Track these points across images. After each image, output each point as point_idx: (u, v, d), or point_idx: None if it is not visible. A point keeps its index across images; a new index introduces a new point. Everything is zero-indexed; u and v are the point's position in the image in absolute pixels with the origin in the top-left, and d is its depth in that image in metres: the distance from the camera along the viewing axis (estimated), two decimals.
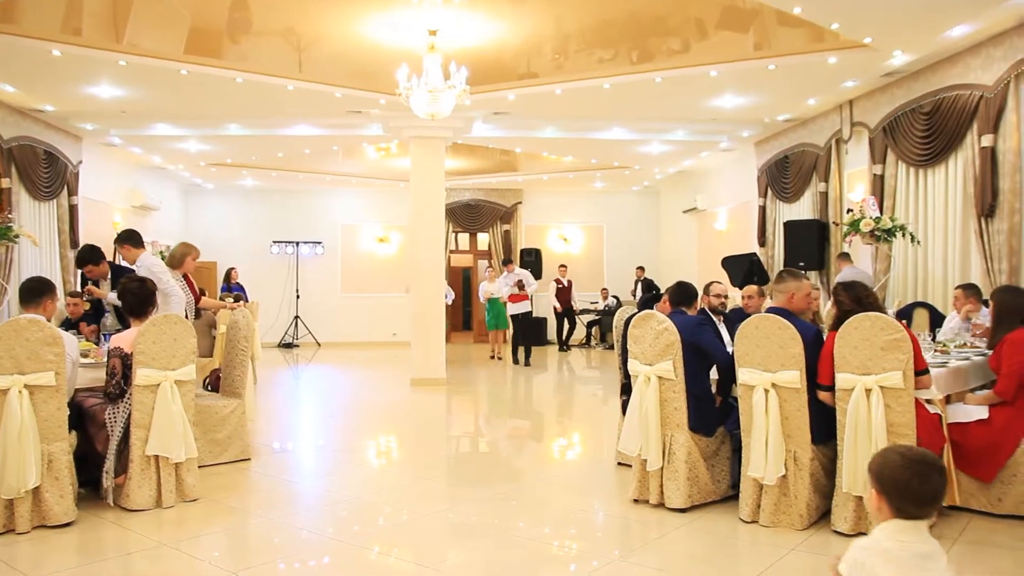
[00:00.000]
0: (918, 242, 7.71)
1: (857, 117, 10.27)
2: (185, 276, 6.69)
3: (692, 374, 4.79)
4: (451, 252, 18.29)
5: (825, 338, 4.53)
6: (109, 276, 6.44)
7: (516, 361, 13.66)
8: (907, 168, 9.26)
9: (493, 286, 14.34)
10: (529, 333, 14.04)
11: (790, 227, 11.33)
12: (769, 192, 12.64)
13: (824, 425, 4.46)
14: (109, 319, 6.17)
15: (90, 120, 11.01)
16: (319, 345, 17.24)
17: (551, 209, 18.42)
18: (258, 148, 12.95)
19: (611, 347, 16.82)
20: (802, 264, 10.43)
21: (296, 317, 17.28)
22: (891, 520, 2.07)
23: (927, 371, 4.27)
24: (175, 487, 4.95)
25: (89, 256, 6.53)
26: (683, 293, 5.26)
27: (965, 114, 8.14)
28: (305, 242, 17.56)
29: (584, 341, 17.28)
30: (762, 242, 12.77)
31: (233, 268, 14.84)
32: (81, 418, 4.98)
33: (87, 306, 7.63)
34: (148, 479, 4.85)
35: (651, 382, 4.80)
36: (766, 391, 4.41)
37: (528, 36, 8.63)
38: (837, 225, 8.60)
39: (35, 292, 4.72)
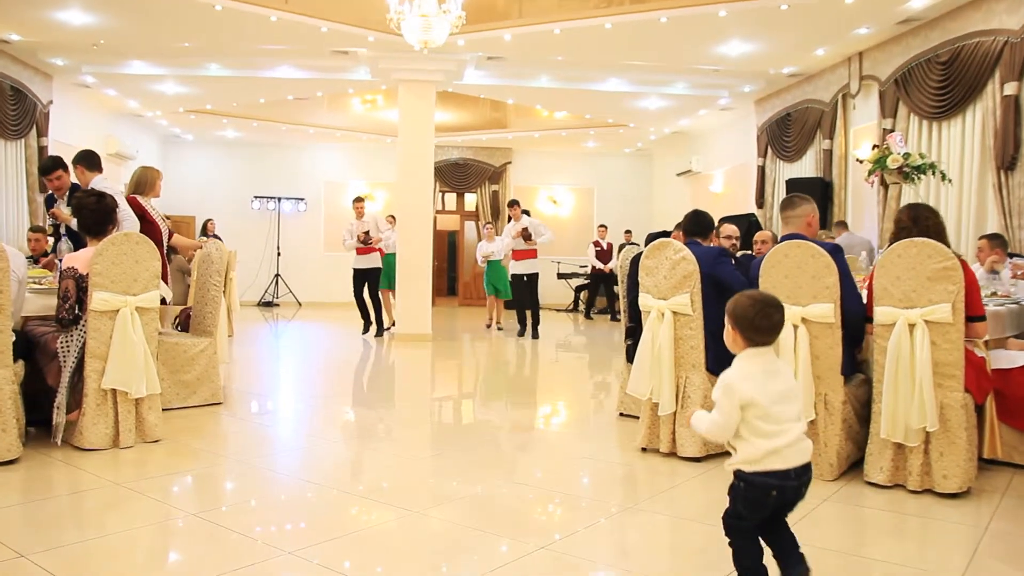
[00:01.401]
0: (950, 181, 7.29)
1: (867, 70, 9.82)
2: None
3: (710, 309, 4.34)
4: (437, 212, 17.74)
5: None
6: (66, 197, 5.87)
7: (522, 332, 11.24)
8: (920, 121, 8.84)
9: (492, 246, 11.99)
10: (536, 297, 11.43)
11: (792, 185, 10.90)
12: (769, 151, 12.21)
13: (847, 360, 4.05)
14: (64, 244, 5.62)
15: (60, 54, 10.37)
16: (300, 304, 16.71)
17: (541, 170, 17.90)
18: (239, 91, 12.32)
19: (601, 311, 16.43)
20: None
21: (277, 275, 16.72)
22: (745, 349, 2.53)
23: (983, 318, 3.83)
24: (134, 426, 4.46)
25: (53, 164, 5.97)
26: (698, 223, 4.79)
27: (987, 62, 7.71)
28: (287, 198, 16.98)
29: (572, 306, 16.85)
30: (760, 203, 12.35)
31: (210, 219, 14.27)
32: (30, 349, 4.46)
33: (50, 244, 7.10)
34: (104, 415, 4.36)
35: (665, 318, 4.36)
36: (795, 327, 3.97)
37: None
38: (860, 162, 8.14)
39: None
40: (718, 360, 4.26)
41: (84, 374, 4.34)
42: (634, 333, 5.30)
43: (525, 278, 11.22)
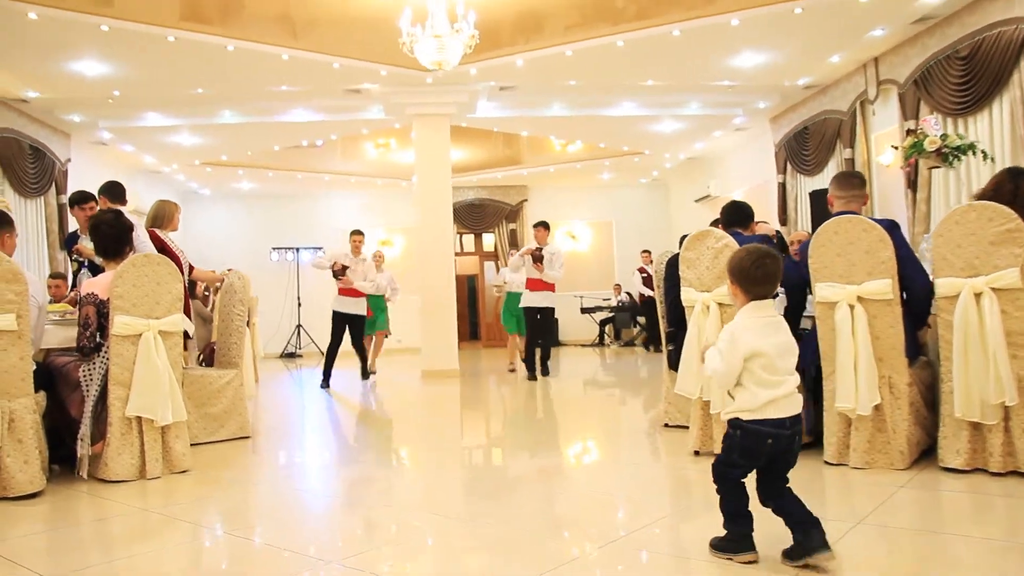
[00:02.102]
0: (992, 159, 7.06)
1: (884, 74, 9.68)
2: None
3: None
4: (456, 255, 17.63)
5: None
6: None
7: (532, 376, 9.42)
8: (944, 119, 8.66)
9: (513, 274, 10.39)
10: (549, 332, 10.14)
11: (816, 197, 10.72)
12: (788, 167, 12.05)
13: (910, 342, 3.81)
14: (85, 275, 5.51)
15: (77, 110, 10.43)
16: (323, 354, 16.53)
17: (558, 206, 17.79)
18: (254, 138, 12.33)
19: (627, 344, 16.17)
20: None
21: (298, 326, 16.59)
22: (747, 304, 2.60)
23: None
24: (161, 455, 4.27)
25: (86, 195, 5.99)
26: (738, 212, 4.62)
27: (1011, 51, 7.54)
28: (306, 248, 16.93)
29: (597, 340, 16.60)
30: (783, 220, 12.15)
31: (230, 268, 14.21)
32: (52, 380, 4.30)
33: (67, 291, 7.01)
34: (129, 445, 4.17)
35: (710, 310, 4.15)
36: (851, 307, 3.74)
37: None
38: (896, 149, 7.92)
39: None
40: None
41: (108, 402, 4.17)
42: (675, 338, 5.09)
43: (538, 313, 9.52)
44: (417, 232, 10.94)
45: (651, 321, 14.81)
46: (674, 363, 5.08)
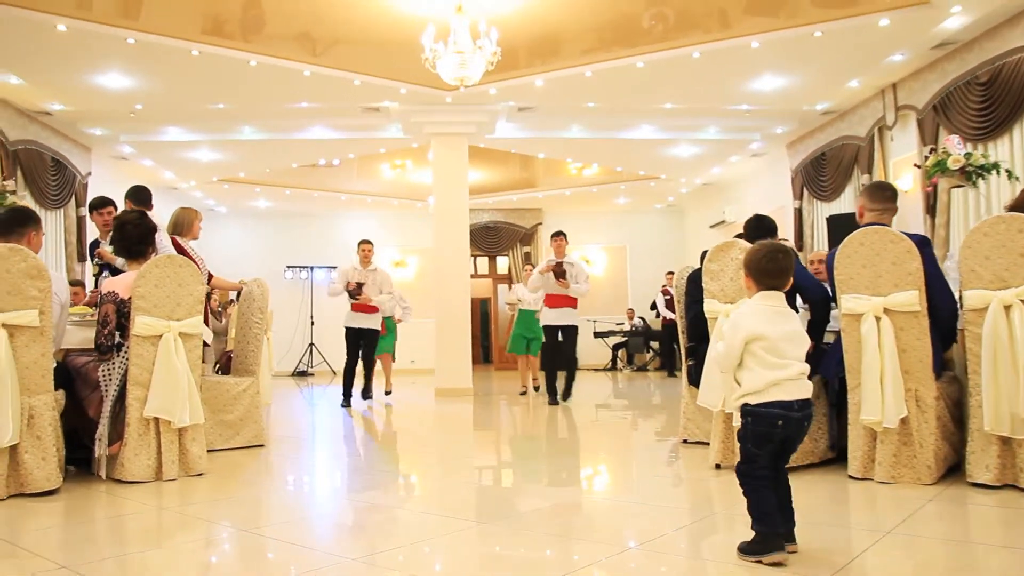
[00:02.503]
0: (1016, 178, 7.02)
1: (902, 100, 9.68)
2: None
3: None
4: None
5: None
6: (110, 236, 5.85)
7: (553, 400, 8.75)
8: (963, 144, 8.63)
9: (526, 291, 9.89)
10: (573, 353, 9.03)
11: (833, 222, 10.68)
12: (805, 193, 12.03)
13: (937, 356, 3.76)
14: (105, 277, 5.53)
15: (99, 124, 10.53)
16: (335, 373, 16.52)
17: (573, 230, 17.57)
18: (272, 155, 12.41)
19: (640, 369, 16.09)
20: None
21: (311, 344, 16.61)
22: (757, 292, 2.73)
23: None
24: (178, 457, 4.25)
25: (105, 200, 6.24)
26: (761, 227, 4.59)
27: None
28: (320, 267, 16.98)
29: (610, 365, 16.52)
30: (799, 246, 12.10)
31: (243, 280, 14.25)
32: (70, 381, 4.30)
33: (86, 298, 7.05)
34: (146, 447, 4.15)
35: None
36: (877, 319, 3.70)
37: (559, 11, 8.09)
38: (919, 167, 7.87)
39: (17, 220, 4.07)
40: None
41: (126, 403, 4.15)
42: (695, 352, 5.05)
43: (560, 331, 8.89)
44: (433, 252, 10.96)
45: (670, 346, 14.79)
46: (694, 379, 5.03)
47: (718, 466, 4.24)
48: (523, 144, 12.11)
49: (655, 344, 16.27)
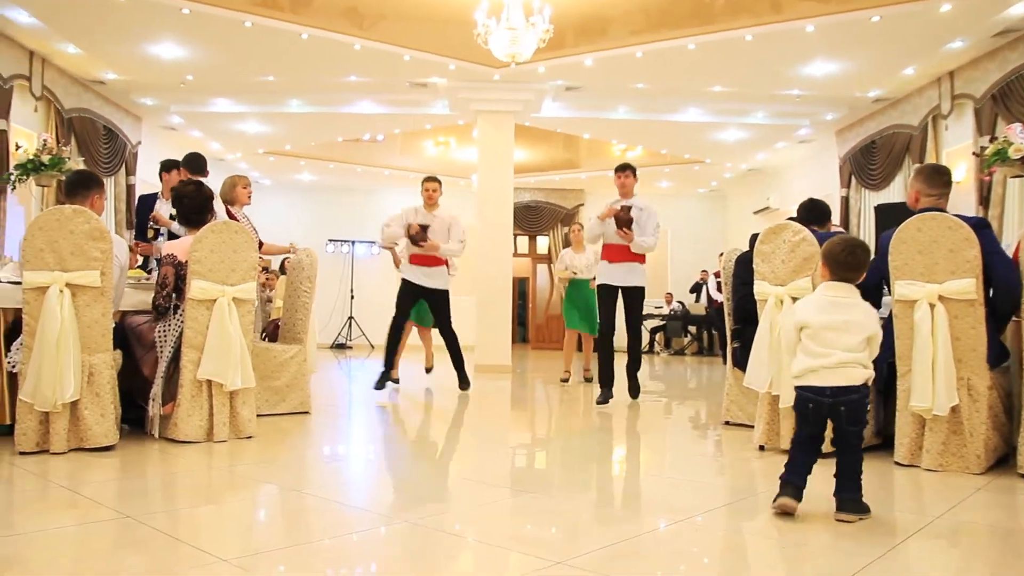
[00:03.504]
0: None
1: (959, 88, 9.47)
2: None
3: None
4: None
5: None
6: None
7: (606, 394, 6.60)
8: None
9: (579, 258, 8.71)
10: (636, 326, 6.77)
11: (881, 211, 10.50)
12: (853, 181, 11.85)
13: (993, 346, 3.70)
14: (164, 242, 5.68)
15: (150, 94, 10.70)
16: (373, 347, 16.69)
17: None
18: (318, 129, 12.53)
19: (677, 353, 16.03)
20: None
21: (350, 318, 16.78)
22: (826, 281, 2.89)
23: None
24: (229, 420, 4.35)
25: (175, 163, 6.43)
26: (815, 210, 4.56)
27: None
28: (361, 241, 17.12)
29: (648, 348, 16.48)
30: None
31: (287, 257, 14.44)
32: (127, 341, 4.41)
33: (139, 260, 7.21)
34: (199, 407, 4.25)
35: (784, 304, 4.09)
36: (931, 306, 3.66)
37: None
38: (976, 156, 7.71)
39: (82, 183, 4.18)
40: None
41: (180, 364, 4.26)
42: (741, 335, 5.03)
43: (621, 295, 6.65)
44: (476, 229, 11.00)
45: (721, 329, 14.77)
46: (739, 361, 5.02)
47: (762, 447, 4.23)
48: (569, 124, 12.07)
49: (693, 328, 16.21)
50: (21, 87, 8.65)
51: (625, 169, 6.86)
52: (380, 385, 7.16)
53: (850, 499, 2.79)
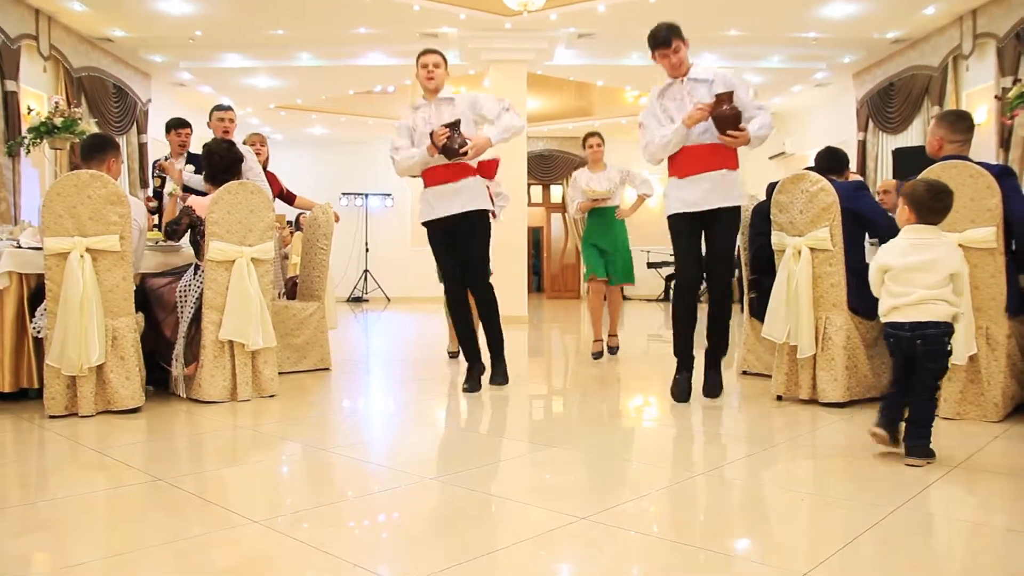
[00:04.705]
0: None
1: (982, 27, 9.24)
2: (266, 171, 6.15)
3: (851, 245, 4.05)
4: None
5: None
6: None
7: (683, 389, 4.38)
8: None
9: (599, 179, 6.35)
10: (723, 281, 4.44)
11: (899, 155, 10.36)
12: (870, 124, 11.67)
13: (1014, 295, 3.68)
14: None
15: (160, 50, 10.62)
16: (388, 300, 16.79)
17: (628, 159, 17.29)
18: (329, 82, 12.43)
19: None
20: None
21: (365, 271, 16.84)
22: (910, 224, 3.00)
23: None
24: (251, 379, 4.41)
25: (184, 121, 6.52)
26: (833, 158, 4.51)
27: None
28: (374, 194, 17.10)
29: (663, 295, 16.47)
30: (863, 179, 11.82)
31: (302, 214, 14.47)
32: (147, 303, 4.45)
33: (155, 221, 7.24)
34: (221, 368, 4.31)
35: (802, 255, 4.07)
36: None
37: None
38: (999, 99, 7.58)
39: (97, 147, 4.19)
40: (861, 298, 3.94)
41: (201, 325, 4.31)
42: (758, 285, 5.02)
43: (708, 228, 4.37)
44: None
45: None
46: (756, 311, 5.02)
47: (780, 397, 4.25)
48: (582, 71, 11.91)
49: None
50: (29, 47, 8.60)
51: (669, 40, 4.26)
52: (473, 386, 4.80)
53: (920, 444, 2.88)
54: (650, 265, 16.37)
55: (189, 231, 4.40)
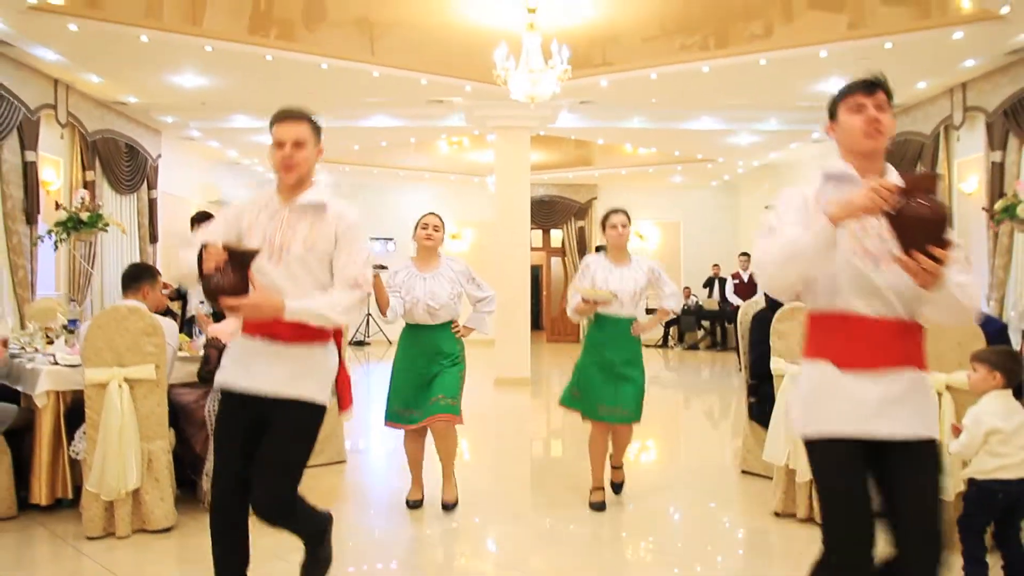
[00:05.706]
0: None
1: (972, 101, 9.54)
2: None
3: None
4: None
5: None
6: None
7: None
8: None
9: (618, 274, 5.01)
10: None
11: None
12: None
13: None
14: (194, 299, 5.85)
15: (171, 112, 10.88)
16: (390, 343, 16.98)
17: (626, 205, 17.28)
18: (335, 141, 12.66)
19: (691, 347, 16.24)
20: None
21: (368, 315, 17.03)
22: (997, 389, 3.30)
23: None
24: None
25: (206, 215, 6.44)
26: None
27: None
28: (377, 238, 17.34)
29: (661, 342, 16.69)
30: None
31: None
32: (176, 417, 4.66)
33: (169, 302, 7.42)
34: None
35: None
36: (938, 394, 3.87)
37: (629, 16, 8.14)
38: (987, 211, 7.87)
39: (133, 277, 4.43)
40: None
41: None
42: (757, 391, 5.25)
43: (882, 454, 2.31)
44: (491, 233, 11.19)
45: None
46: (756, 415, 5.24)
47: (778, 514, 4.46)
48: (583, 132, 12.23)
49: (707, 323, 16.41)
50: (48, 116, 8.85)
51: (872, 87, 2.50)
52: None
53: None
54: (649, 311, 16.56)
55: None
